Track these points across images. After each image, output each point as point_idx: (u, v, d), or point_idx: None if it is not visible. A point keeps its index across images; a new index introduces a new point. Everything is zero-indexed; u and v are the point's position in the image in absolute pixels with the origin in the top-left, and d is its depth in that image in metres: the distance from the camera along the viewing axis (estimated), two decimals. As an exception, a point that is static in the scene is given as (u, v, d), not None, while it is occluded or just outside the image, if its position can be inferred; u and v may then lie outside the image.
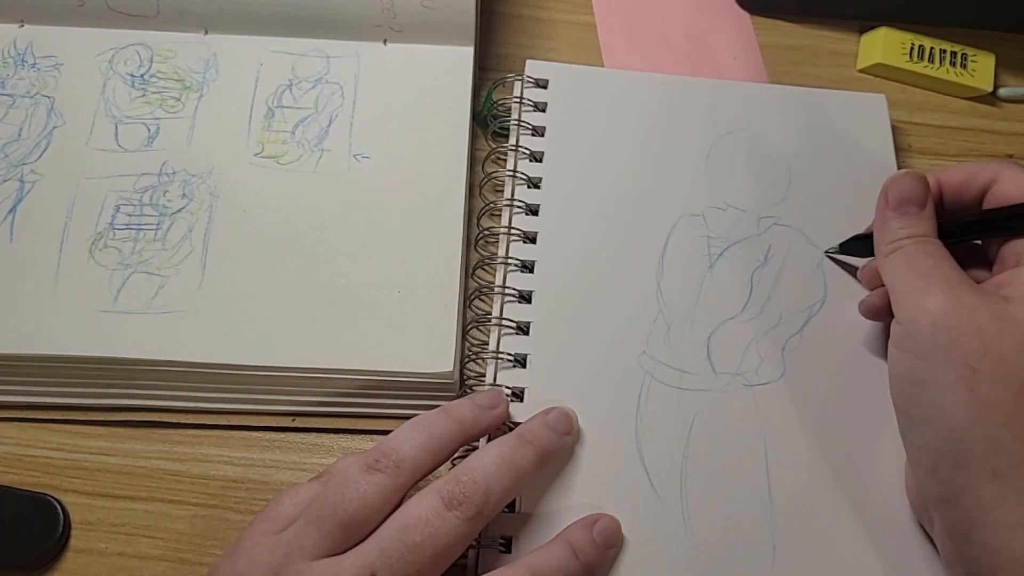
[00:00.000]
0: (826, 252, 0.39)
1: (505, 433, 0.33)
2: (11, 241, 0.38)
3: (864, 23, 0.50)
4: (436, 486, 0.29)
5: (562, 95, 0.43)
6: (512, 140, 0.42)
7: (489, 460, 0.30)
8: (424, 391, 0.36)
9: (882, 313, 0.36)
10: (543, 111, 0.43)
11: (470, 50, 0.44)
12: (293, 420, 0.37)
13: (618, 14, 0.50)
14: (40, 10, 0.43)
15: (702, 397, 0.36)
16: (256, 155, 0.41)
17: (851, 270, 0.40)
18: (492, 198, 0.41)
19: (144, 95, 0.42)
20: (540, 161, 0.41)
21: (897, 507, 0.34)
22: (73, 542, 0.35)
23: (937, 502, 0.29)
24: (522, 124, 0.42)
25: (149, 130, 0.41)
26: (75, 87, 0.42)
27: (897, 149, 0.45)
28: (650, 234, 0.40)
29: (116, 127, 0.41)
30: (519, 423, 0.34)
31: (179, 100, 0.42)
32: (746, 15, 0.50)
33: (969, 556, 0.27)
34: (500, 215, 0.40)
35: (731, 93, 0.45)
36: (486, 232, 0.40)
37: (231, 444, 0.37)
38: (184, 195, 0.40)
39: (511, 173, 0.41)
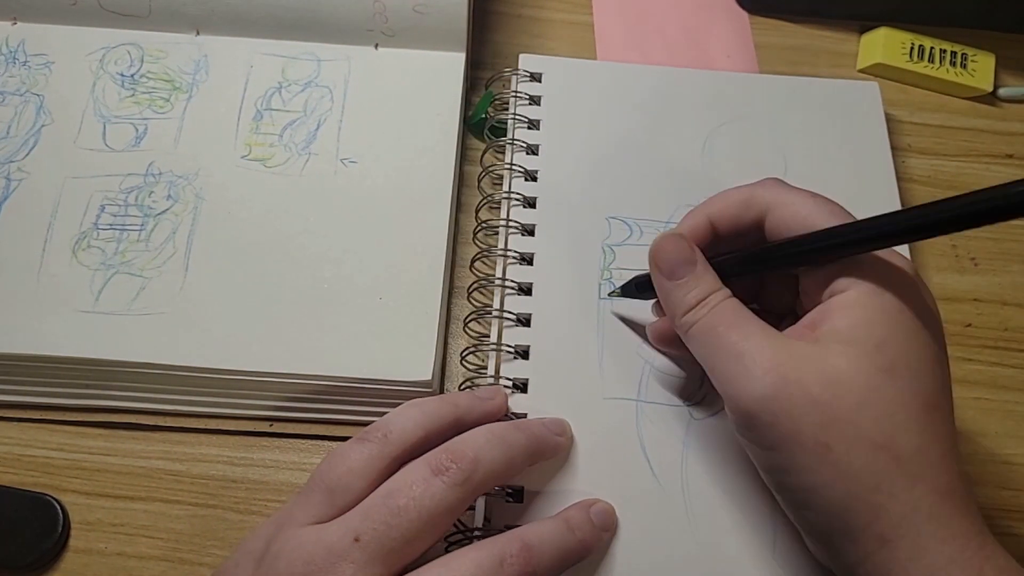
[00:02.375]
0: (609, 295, 0.37)
1: None
2: (-5, 239, 0.38)
3: (864, 23, 0.50)
4: (425, 456, 0.29)
5: (556, 88, 0.43)
6: (509, 134, 0.42)
7: (479, 434, 0.30)
8: (403, 400, 0.36)
9: (675, 344, 0.33)
10: (538, 104, 0.43)
11: (462, 56, 0.44)
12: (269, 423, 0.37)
13: (617, 13, 0.50)
14: (33, 8, 0.43)
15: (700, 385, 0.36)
16: (243, 157, 0.41)
17: None
18: (490, 191, 0.41)
19: (133, 95, 0.42)
20: (536, 154, 0.41)
21: None
22: (73, 542, 0.35)
23: (838, 570, 0.29)
24: (517, 117, 0.42)
25: (137, 130, 0.41)
26: (65, 85, 0.42)
27: (897, 149, 0.44)
28: (646, 224, 0.40)
29: (104, 127, 0.41)
30: (522, 414, 0.34)
31: (168, 101, 0.42)
32: (744, 15, 0.50)
33: None
34: (499, 208, 0.40)
35: (725, 83, 0.44)
36: (484, 225, 0.39)
37: (231, 444, 0.37)
38: (169, 196, 0.40)
39: (508, 166, 0.41)
